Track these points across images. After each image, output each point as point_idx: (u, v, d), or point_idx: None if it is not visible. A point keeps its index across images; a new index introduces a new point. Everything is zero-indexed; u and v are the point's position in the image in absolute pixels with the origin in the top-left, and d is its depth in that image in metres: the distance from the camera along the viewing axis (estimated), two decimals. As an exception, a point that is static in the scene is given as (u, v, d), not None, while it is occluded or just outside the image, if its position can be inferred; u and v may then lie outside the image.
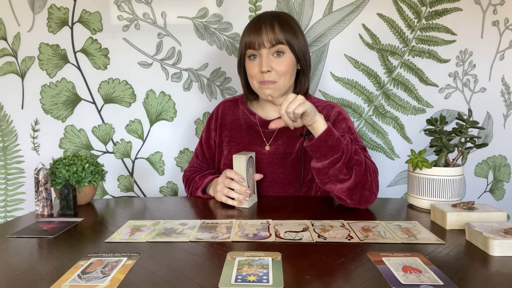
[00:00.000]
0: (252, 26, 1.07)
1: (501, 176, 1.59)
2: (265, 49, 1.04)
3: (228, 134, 1.20)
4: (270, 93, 1.06)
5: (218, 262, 0.65)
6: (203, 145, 1.26)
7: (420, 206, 0.98)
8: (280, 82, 1.07)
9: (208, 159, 1.25)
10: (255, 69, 1.07)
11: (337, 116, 1.13)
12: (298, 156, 1.12)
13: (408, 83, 1.46)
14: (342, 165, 0.91)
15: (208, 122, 1.27)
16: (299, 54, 1.08)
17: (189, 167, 1.27)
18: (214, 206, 1.03)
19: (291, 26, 1.07)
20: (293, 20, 1.11)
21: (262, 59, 1.05)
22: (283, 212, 0.95)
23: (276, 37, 1.03)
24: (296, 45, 1.07)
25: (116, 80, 1.46)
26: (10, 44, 1.45)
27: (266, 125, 1.14)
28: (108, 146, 1.50)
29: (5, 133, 1.50)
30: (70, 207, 0.97)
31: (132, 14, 1.42)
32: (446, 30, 1.43)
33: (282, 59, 1.06)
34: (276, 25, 1.04)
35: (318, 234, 0.77)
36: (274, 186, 1.13)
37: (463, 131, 0.98)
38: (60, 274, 0.61)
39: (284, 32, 1.04)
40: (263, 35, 1.03)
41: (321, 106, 1.15)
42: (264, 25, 1.05)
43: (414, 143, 1.49)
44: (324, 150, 0.92)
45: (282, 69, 1.06)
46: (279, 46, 1.04)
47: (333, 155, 0.91)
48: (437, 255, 0.67)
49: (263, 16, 1.08)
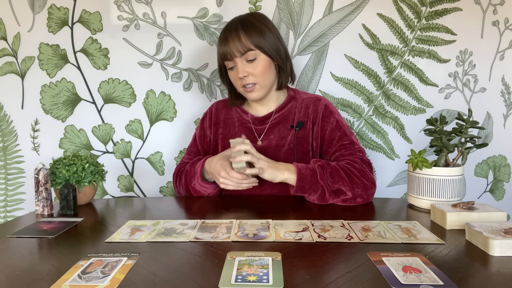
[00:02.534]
0: (222, 38, 1.12)
1: (501, 176, 1.59)
2: (237, 58, 1.10)
3: (222, 132, 1.23)
4: (255, 96, 1.14)
5: (218, 262, 0.65)
6: (197, 142, 1.28)
7: (420, 206, 0.98)
8: (260, 82, 1.12)
9: (201, 156, 1.26)
10: (235, 76, 1.13)
11: (324, 110, 1.17)
12: (290, 148, 1.15)
13: (408, 83, 1.46)
14: (329, 195, 1.00)
15: (202, 121, 1.29)
16: (271, 53, 1.11)
17: (180, 164, 1.27)
18: (214, 206, 1.03)
19: (257, 28, 1.10)
20: (260, 19, 1.13)
21: (238, 67, 1.11)
22: (283, 212, 0.95)
23: (243, 45, 1.08)
24: (266, 45, 1.10)
25: (116, 80, 1.46)
26: (10, 44, 1.45)
27: (258, 122, 1.21)
28: (108, 146, 1.50)
29: (5, 133, 1.50)
30: (70, 207, 0.97)
31: (132, 14, 1.42)
32: (446, 30, 1.43)
33: (255, 63, 1.10)
34: (241, 33, 1.08)
35: (318, 234, 0.77)
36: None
37: (463, 131, 0.98)
38: (60, 274, 0.61)
39: (251, 37, 1.08)
40: (231, 46, 1.08)
41: (307, 99, 1.20)
42: (230, 35, 1.09)
43: (414, 143, 1.49)
44: (308, 189, 1.01)
45: (257, 72, 1.11)
46: (248, 53, 1.09)
47: (317, 189, 1.01)
48: (437, 255, 0.67)
49: (229, 26, 1.12)
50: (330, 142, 1.14)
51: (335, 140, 1.13)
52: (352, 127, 1.48)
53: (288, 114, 1.20)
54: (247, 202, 1.06)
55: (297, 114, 1.18)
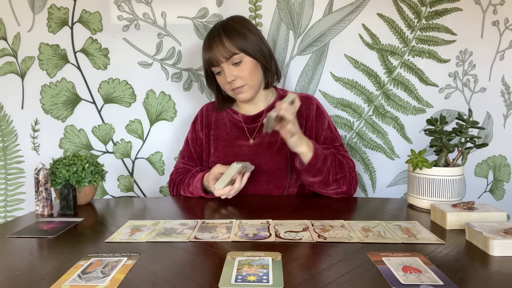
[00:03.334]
0: (206, 45, 1.15)
1: (501, 176, 1.59)
2: (223, 63, 1.12)
3: (213, 133, 1.25)
4: (245, 97, 1.16)
5: (218, 262, 0.65)
6: (190, 146, 1.28)
7: (420, 206, 0.98)
8: (248, 83, 1.15)
9: (195, 159, 1.27)
10: (223, 80, 1.15)
11: (317, 110, 1.21)
12: (282, 143, 1.16)
13: (408, 83, 1.46)
14: (332, 181, 1.06)
15: (193, 124, 1.30)
16: (255, 54, 1.14)
17: (175, 170, 1.27)
18: (214, 206, 1.03)
19: (239, 31, 1.12)
20: (241, 22, 1.15)
21: (225, 72, 1.13)
22: (283, 212, 0.95)
23: (228, 50, 1.10)
24: (250, 48, 1.12)
25: (116, 80, 1.46)
26: (10, 44, 1.45)
27: (249, 121, 1.22)
28: (108, 146, 1.50)
29: (5, 133, 1.50)
30: (70, 207, 0.97)
31: (132, 14, 1.42)
32: (446, 30, 1.43)
33: (241, 67, 1.13)
34: (224, 38, 1.11)
35: (318, 234, 0.77)
36: (264, 174, 1.16)
37: (463, 131, 0.98)
38: (60, 274, 0.61)
39: (234, 41, 1.10)
40: (216, 52, 1.11)
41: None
42: (214, 41, 1.12)
43: (414, 143, 1.49)
44: (316, 171, 1.03)
45: (244, 75, 1.13)
46: (233, 57, 1.11)
47: (322, 173, 1.04)
48: (437, 255, 0.67)
49: (211, 33, 1.15)
50: (324, 142, 1.18)
51: (328, 141, 1.18)
52: (352, 127, 1.48)
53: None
54: (247, 202, 1.06)
55: None
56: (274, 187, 1.16)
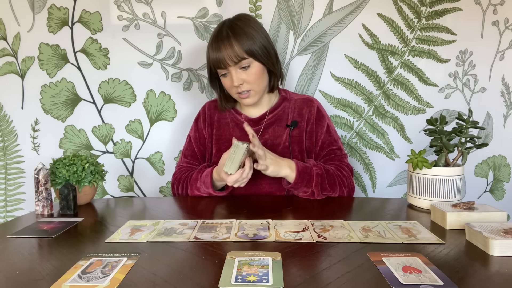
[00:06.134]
0: (213, 46, 1.11)
1: (501, 176, 1.59)
2: (231, 67, 1.09)
3: (216, 133, 1.24)
4: (250, 102, 1.15)
5: (218, 262, 0.65)
6: (193, 145, 1.26)
7: (420, 206, 0.98)
8: (254, 88, 1.13)
9: (199, 159, 1.26)
10: (229, 83, 1.13)
11: (317, 112, 1.21)
12: (285, 146, 1.17)
13: (408, 83, 1.46)
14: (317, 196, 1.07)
15: (195, 123, 1.29)
16: (263, 59, 1.12)
17: (178, 169, 1.26)
18: (214, 206, 1.03)
19: (247, 33, 1.09)
20: (248, 22, 1.13)
21: (232, 75, 1.10)
22: (283, 212, 0.95)
23: (237, 54, 1.07)
24: (257, 51, 1.10)
25: (116, 80, 1.46)
26: (10, 44, 1.45)
27: (252, 123, 1.21)
28: (108, 146, 1.50)
29: (5, 133, 1.50)
30: (70, 207, 0.97)
31: (132, 14, 1.42)
32: (446, 30, 1.43)
33: (249, 71, 1.11)
34: (233, 41, 1.08)
35: (318, 234, 0.77)
36: (266, 177, 1.12)
37: (463, 131, 0.98)
38: (60, 274, 0.61)
39: (243, 44, 1.08)
40: (224, 55, 1.08)
41: (300, 100, 1.23)
42: (223, 43, 1.08)
43: (414, 143, 1.49)
44: (301, 188, 1.06)
45: (252, 79, 1.11)
46: (242, 61, 1.09)
47: (308, 191, 1.06)
48: (437, 255, 0.67)
49: (219, 33, 1.11)
50: (321, 145, 1.18)
51: (326, 144, 1.18)
52: (352, 127, 1.48)
53: (282, 114, 1.21)
54: (247, 202, 1.06)
55: (291, 114, 1.21)
56: (277, 190, 1.15)
